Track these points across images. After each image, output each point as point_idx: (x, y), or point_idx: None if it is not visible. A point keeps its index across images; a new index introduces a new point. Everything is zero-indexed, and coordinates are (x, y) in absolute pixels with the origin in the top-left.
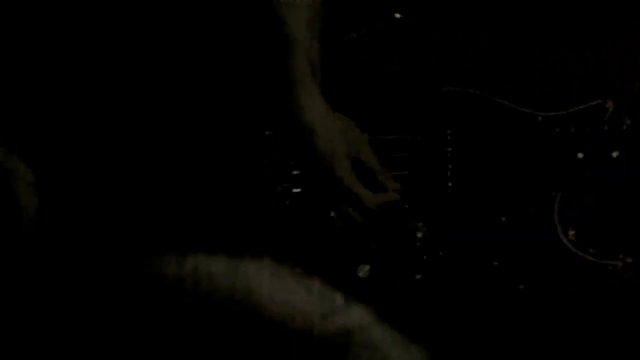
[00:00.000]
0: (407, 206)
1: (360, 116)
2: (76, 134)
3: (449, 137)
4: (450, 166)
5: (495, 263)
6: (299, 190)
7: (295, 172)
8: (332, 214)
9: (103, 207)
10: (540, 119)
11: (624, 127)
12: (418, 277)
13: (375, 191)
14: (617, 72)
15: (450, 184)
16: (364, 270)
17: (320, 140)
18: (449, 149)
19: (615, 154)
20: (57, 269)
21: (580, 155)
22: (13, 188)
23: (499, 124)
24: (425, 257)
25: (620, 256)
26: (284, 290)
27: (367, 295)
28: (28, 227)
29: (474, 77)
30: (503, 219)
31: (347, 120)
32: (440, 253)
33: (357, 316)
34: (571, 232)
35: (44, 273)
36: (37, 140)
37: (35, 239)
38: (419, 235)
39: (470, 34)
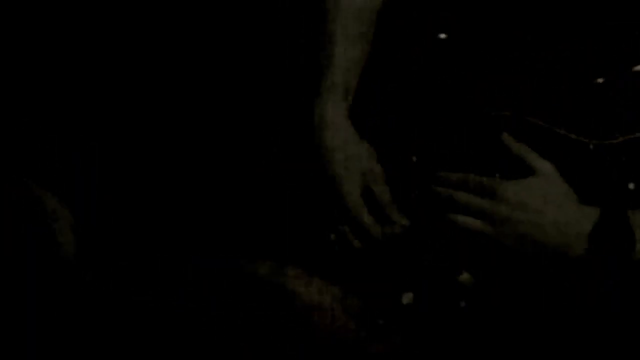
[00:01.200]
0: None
1: (403, 139)
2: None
3: (497, 163)
4: None
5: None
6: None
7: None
8: (332, 236)
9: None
10: (592, 147)
11: None
12: (462, 304)
13: (382, 223)
14: None
15: None
16: (408, 298)
17: (336, 162)
18: (497, 175)
19: None
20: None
21: (631, 185)
22: (52, 227)
23: (550, 150)
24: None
25: None
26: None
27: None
28: (67, 265)
29: (525, 102)
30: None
31: (368, 148)
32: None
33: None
34: None
35: (84, 309)
36: (74, 179)
37: (74, 276)
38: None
39: (522, 60)
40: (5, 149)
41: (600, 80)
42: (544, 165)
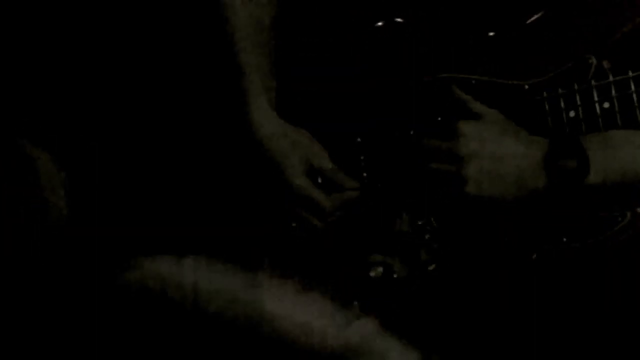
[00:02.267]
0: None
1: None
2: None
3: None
4: None
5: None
6: None
7: None
8: (294, 224)
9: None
10: (527, 87)
11: (610, 78)
12: (431, 267)
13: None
14: (593, 27)
15: None
16: (376, 272)
17: (273, 154)
18: None
19: (606, 105)
20: (84, 267)
21: (572, 113)
22: (43, 187)
23: (491, 100)
24: (436, 245)
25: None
26: (300, 308)
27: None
28: (57, 226)
29: (460, 62)
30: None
31: (299, 130)
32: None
33: (364, 327)
34: None
35: (73, 270)
36: (67, 139)
37: (64, 237)
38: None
39: (451, 24)
40: None
41: (491, 33)
42: (489, 111)
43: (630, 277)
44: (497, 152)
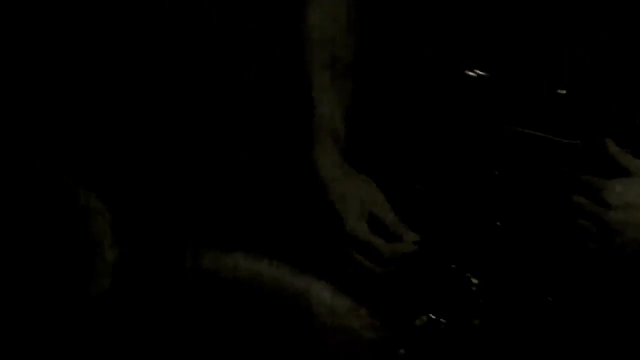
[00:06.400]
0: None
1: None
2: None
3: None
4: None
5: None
6: None
7: None
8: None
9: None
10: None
11: None
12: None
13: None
14: None
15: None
16: (421, 320)
17: (334, 198)
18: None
19: None
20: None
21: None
22: (91, 225)
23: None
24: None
25: None
26: None
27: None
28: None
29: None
30: None
31: (363, 178)
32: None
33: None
34: None
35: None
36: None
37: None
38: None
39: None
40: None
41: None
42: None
43: None
44: None
